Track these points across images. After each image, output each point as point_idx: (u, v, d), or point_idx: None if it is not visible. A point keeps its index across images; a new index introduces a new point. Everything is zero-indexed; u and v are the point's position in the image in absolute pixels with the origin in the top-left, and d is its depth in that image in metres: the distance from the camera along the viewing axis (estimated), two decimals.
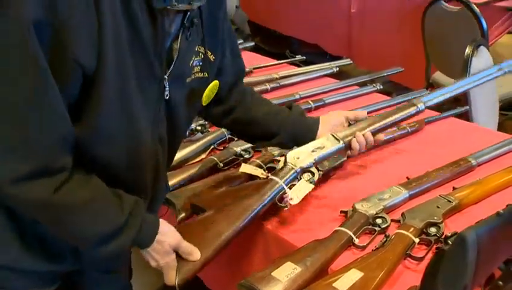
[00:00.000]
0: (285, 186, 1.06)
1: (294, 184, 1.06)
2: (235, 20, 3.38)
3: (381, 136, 1.22)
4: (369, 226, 1.04)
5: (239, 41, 2.24)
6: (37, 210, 0.83)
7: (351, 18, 3.25)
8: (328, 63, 1.94)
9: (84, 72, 0.77)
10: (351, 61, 2.02)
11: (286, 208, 1.06)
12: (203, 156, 1.36)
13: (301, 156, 1.09)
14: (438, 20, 2.62)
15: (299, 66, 2.02)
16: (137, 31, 0.83)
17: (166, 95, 0.93)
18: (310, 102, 1.59)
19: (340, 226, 1.03)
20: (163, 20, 0.87)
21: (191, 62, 0.98)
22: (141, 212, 0.89)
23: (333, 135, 1.13)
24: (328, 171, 1.24)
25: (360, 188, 1.17)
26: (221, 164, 1.30)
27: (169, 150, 1.01)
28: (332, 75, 1.87)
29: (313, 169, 1.09)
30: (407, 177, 1.18)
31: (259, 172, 1.20)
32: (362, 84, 1.77)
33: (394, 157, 1.34)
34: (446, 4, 2.61)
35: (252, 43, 2.29)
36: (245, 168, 1.22)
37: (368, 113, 1.50)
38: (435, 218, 1.03)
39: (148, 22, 0.84)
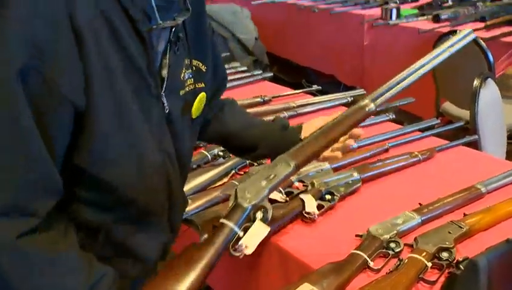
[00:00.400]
0: (238, 230, 0.89)
1: (249, 225, 0.91)
2: (254, 51, 3.41)
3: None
4: (383, 250, 1.03)
5: (258, 72, 2.27)
6: None
7: (363, 51, 3.27)
8: (342, 93, 1.94)
9: (75, 107, 0.76)
10: (365, 91, 2.02)
11: (241, 257, 0.90)
12: (225, 180, 1.37)
13: (252, 189, 0.91)
14: None
15: (315, 95, 2.03)
16: (128, 55, 0.81)
17: (166, 110, 0.90)
18: None
19: (356, 249, 1.03)
20: (151, 38, 0.85)
21: (182, 75, 0.95)
22: (107, 285, 0.81)
23: (284, 159, 0.96)
24: (343, 196, 1.24)
25: (374, 213, 1.16)
26: None
27: (180, 166, 0.98)
28: (346, 105, 1.87)
29: (266, 203, 0.93)
30: (420, 204, 1.17)
31: (278, 196, 1.21)
32: (376, 114, 1.77)
33: (406, 184, 1.33)
34: None
35: (271, 74, 2.30)
36: None
37: (380, 141, 1.52)
38: (447, 243, 1.02)
39: (137, 44, 0.82)
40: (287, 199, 1.20)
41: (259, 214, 0.91)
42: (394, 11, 3.16)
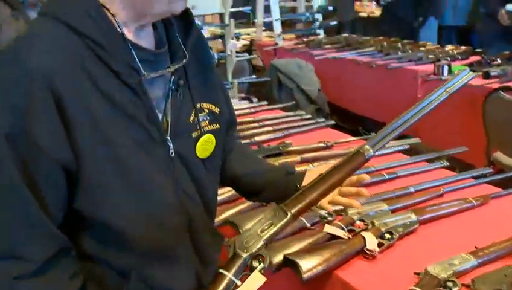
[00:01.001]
0: (235, 280, 0.85)
1: (247, 274, 0.86)
2: (317, 101, 3.43)
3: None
4: (441, 288, 0.99)
5: (321, 120, 2.28)
6: None
7: (417, 102, 3.21)
8: (399, 141, 1.91)
9: (62, 163, 0.75)
10: (420, 140, 1.98)
11: None
12: None
13: (250, 240, 0.86)
14: (497, 107, 2.54)
15: None
16: (118, 105, 0.78)
17: (172, 153, 0.86)
18: (385, 174, 1.57)
19: (414, 286, 0.99)
20: (143, 88, 0.81)
21: (191, 118, 0.90)
22: None
23: (281, 208, 0.90)
24: (402, 236, 1.21)
25: (431, 253, 1.12)
26: (308, 224, 1.29)
27: (204, 204, 0.94)
28: (403, 151, 1.84)
29: (263, 252, 0.87)
30: (475, 247, 1.12)
31: (341, 233, 1.20)
32: (430, 161, 1.74)
33: (462, 228, 1.28)
34: (504, 94, 2.54)
35: (333, 122, 2.31)
36: (328, 228, 1.21)
37: (435, 187, 1.48)
38: (503, 286, 0.97)
39: (129, 94, 0.79)
40: (350, 236, 1.19)
41: (255, 263, 0.86)
42: (446, 68, 3.11)
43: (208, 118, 0.94)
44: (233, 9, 2.53)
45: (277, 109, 2.51)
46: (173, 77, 0.87)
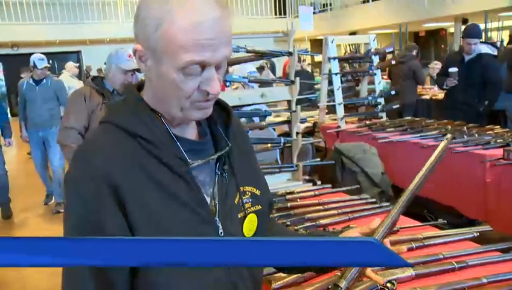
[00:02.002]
0: None
1: None
2: (381, 184, 3.39)
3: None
4: None
5: (386, 204, 2.26)
6: None
7: (486, 187, 3.10)
8: (469, 228, 1.85)
9: None
10: (491, 228, 1.91)
11: None
12: None
13: None
14: None
15: (440, 227, 1.96)
16: (171, 195, 0.86)
17: (221, 233, 0.91)
18: (454, 263, 1.51)
19: None
20: (191, 175, 0.89)
21: (236, 200, 0.96)
22: None
23: (335, 284, 0.93)
24: None
25: None
26: None
27: (254, 280, 0.98)
28: (473, 239, 1.78)
29: None
30: None
31: None
32: (503, 250, 1.66)
33: None
34: None
35: None
36: None
37: (509, 280, 1.40)
38: None
39: (179, 181, 0.87)
40: None
41: None
42: None
43: (251, 200, 1.00)
44: (300, 96, 2.65)
45: (341, 192, 2.52)
46: (218, 163, 0.96)
